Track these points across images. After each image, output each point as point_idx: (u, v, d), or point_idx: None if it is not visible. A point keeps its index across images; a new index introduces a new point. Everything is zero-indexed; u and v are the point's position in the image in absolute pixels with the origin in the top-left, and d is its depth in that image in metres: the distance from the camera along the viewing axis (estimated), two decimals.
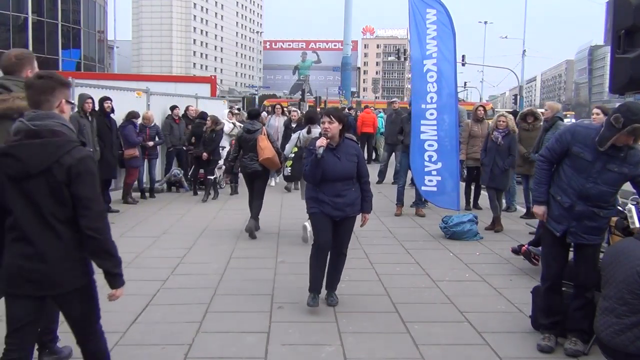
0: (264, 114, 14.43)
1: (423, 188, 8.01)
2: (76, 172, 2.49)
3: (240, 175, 8.74)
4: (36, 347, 3.10)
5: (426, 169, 7.88)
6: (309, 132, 6.50)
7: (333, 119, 4.38)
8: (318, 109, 18.84)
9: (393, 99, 14.93)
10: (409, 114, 8.44)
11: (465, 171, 9.32)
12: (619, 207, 4.34)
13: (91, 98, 7.84)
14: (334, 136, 4.40)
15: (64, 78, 2.79)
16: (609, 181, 3.67)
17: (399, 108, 12.67)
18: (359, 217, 4.67)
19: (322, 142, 4.30)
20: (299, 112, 14.86)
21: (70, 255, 2.60)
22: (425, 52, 7.95)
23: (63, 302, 2.75)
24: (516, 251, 6.03)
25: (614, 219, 4.41)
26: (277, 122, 12.36)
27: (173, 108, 10.88)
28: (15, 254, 2.54)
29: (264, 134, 7.20)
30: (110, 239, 2.67)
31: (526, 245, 5.86)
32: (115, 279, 2.79)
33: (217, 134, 10.05)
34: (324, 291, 4.66)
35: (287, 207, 9.19)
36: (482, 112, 9.41)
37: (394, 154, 12.18)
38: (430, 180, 7.88)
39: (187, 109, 11.39)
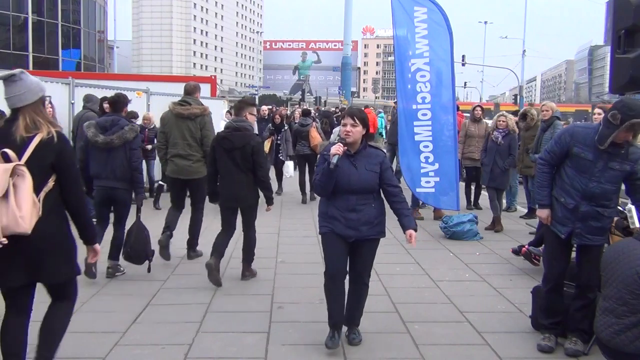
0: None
1: (418, 190, 7.93)
2: (256, 149, 5.13)
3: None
4: None
5: (422, 171, 7.80)
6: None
7: (357, 121, 3.69)
8: (313, 109, 18.69)
9: (396, 100, 14.83)
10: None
11: (464, 171, 9.33)
12: (619, 207, 4.34)
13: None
14: (354, 142, 3.72)
15: (251, 100, 6.04)
16: (612, 179, 3.68)
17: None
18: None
19: (337, 149, 3.60)
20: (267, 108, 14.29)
21: (250, 185, 5.18)
22: (414, 51, 7.83)
23: (243, 211, 5.39)
24: (516, 252, 6.03)
25: (614, 218, 4.41)
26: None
27: None
28: (224, 187, 5.24)
29: (314, 127, 10.04)
30: (268, 180, 5.38)
31: (526, 246, 5.86)
32: (268, 201, 5.35)
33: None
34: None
35: (287, 207, 9.19)
36: (480, 112, 9.41)
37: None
38: (428, 182, 7.80)
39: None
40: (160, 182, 9.00)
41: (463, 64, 47.38)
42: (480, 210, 8.92)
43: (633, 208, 4.33)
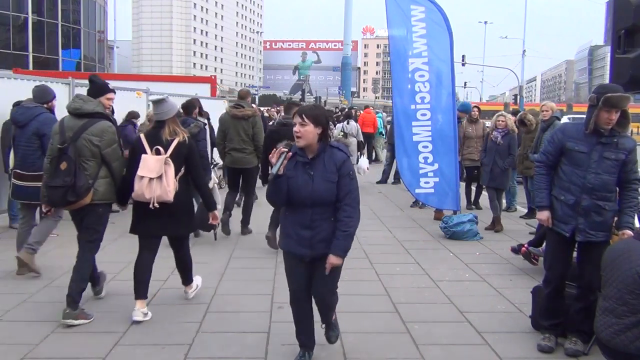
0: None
1: (417, 190, 7.93)
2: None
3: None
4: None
5: (421, 171, 7.79)
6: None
7: (306, 119, 3.13)
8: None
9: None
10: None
11: (465, 171, 9.33)
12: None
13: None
14: (308, 144, 3.17)
15: (296, 102, 7.47)
16: (609, 169, 3.72)
17: None
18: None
19: (276, 154, 3.13)
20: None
21: None
22: (412, 51, 7.81)
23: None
24: (516, 250, 6.04)
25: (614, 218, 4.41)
26: None
27: None
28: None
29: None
30: None
31: (526, 246, 5.86)
32: None
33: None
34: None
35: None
36: (477, 112, 9.41)
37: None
38: (427, 182, 7.79)
39: None
40: None
41: (463, 64, 47.40)
42: (480, 210, 8.92)
43: None
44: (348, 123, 12.22)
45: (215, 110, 11.98)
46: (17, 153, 5.42)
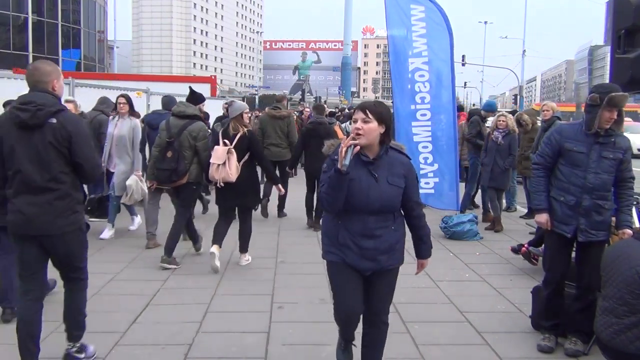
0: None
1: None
2: (330, 136, 5.79)
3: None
4: None
5: (421, 172, 7.78)
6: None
7: (370, 115, 2.83)
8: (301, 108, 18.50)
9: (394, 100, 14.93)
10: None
11: (464, 172, 9.33)
12: None
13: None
14: (370, 143, 2.86)
15: (322, 104, 8.60)
16: (608, 169, 3.73)
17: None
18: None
19: (348, 143, 2.76)
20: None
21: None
22: (412, 50, 7.79)
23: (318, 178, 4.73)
24: (516, 250, 6.04)
25: (614, 218, 4.41)
26: (118, 128, 6.77)
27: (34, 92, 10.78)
28: (310, 162, 7.60)
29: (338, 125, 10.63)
30: None
31: (526, 245, 5.86)
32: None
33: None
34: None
35: (287, 207, 9.17)
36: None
37: None
38: (427, 183, 7.78)
39: None
40: None
41: (463, 64, 47.30)
42: (479, 209, 8.91)
43: (633, 208, 4.33)
44: (350, 123, 12.39)
45: (216, 110, 11.99)
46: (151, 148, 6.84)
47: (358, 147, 2.77)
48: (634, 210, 4.31)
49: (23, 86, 7.00)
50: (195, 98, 6.25)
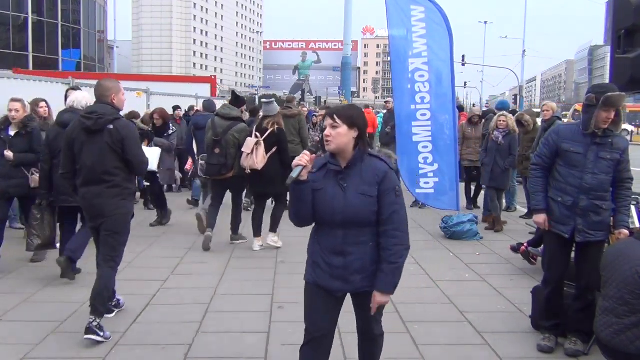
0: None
1: (417, 191, 7.93)
2: None
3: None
4: None
5: (421, 171, 7.79)
6: None
7: (338, 120, 2.59)
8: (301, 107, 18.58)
9: (387, 99, 15.07)
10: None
11: (464, 172, 9.34)
12: None
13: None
14: (340, 150, 2.62)
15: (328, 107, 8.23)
16: (605, 169, 3.74)
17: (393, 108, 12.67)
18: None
19: (301, 158, 2.53)
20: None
21: None
22: (412, 51, 7.81)
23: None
24: (515, 249, 6.04)
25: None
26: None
27: (175, 108, 10.88)
28: None
29: None
30: None
31: (525, 245, 5.87)
32: None
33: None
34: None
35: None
36: (477, 118, 9.40)
37: None
38: (427, 183, 7.79)
39: (191, 109, 11.39)
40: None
41: (463, 64, 47.35)
42: (479, 209, 8.92)
43: (633, 208, 4.33)
44: None
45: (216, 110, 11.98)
46: (200, 147, 7.46)
47: (314, 156, 2.56)
48: (633, 210, 4.32)
49: (23, 86, 7.02)
50: (237, 101, 7.02)
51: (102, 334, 3.81)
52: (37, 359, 3.59)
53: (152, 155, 6.64)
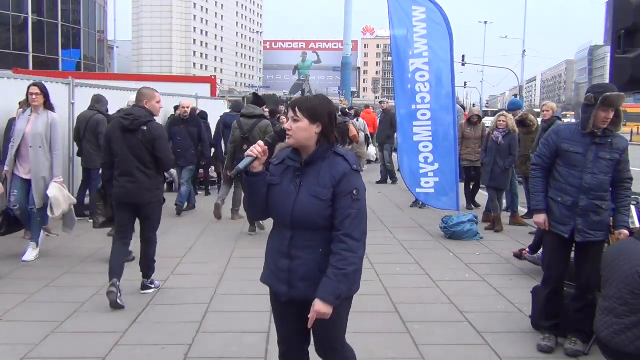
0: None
1: (418, 190, 7.94)
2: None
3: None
4: None
5: (422, 171, 7.80)
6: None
7: (299, 113, 2.37)
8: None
9: (382, 99, 15.45)
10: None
11: (463, 172, 9.34)
12: None
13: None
14: (300, 145, 2.40)
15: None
16: (605, 169, 3.74)
17: (389, 108, 12.72)
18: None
19: (253, 149, 2.39)
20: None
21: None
22: (413, 51, 7.81)
23: None
24: (518, 256, 6.06)
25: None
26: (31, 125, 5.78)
27: (176, 108, 10.86)
28: None
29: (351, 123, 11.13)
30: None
31: (527, 250, 5.92)
32: None
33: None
34: None
35: None
36: (476, 118, 9.40)
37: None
38: (427, 182, 7.80)
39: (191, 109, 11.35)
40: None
41: (463, 64, 47.40)
42: (479, 209, 8.92)
43: (633, 208, 4.33)
44: (357, 120, 14.74)
45: (216, 110, 11.99)
46: (226, 146, 8.17)
47: (257, 163, 2.38)
48: (633, 210, 4.32)
49: (23, 86, 7.01)
50: (259, 102, 7.78)
51: (153, 286, 4.96)
52: (37, 359, 3.59)
53: None
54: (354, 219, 2.34)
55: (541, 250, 5.02)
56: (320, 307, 2.29)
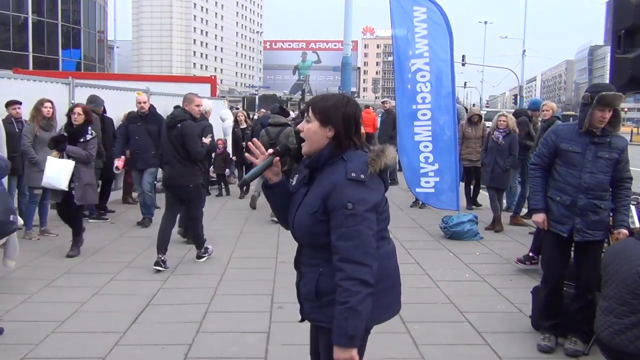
0: None
1: (418, 190, 7.94)
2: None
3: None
4: None
5: (422, 171, 7.81)
6: None
7: (311, 113, 2.08)
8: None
9: (384, 99, 15.07)
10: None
11: (463, 172, 9.34)
12: None
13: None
14: (310, 150, 2.10)
15: None
16: (604, 169, 3.74)
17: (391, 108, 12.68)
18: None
19: (257, 157, 2.17)
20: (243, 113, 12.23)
21: None
22: (414, 51, 7.82)
23: None
24: (522, 261, 6.04)
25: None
26: None
27: (176, 108, 10.84)
28: None
29: None
30: None
31: (530, 252, 5.90)
32: None
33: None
34: None
35: None
36: (477, 118, 9.40)
37: None
38: (427, 182, 7.80)
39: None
40: None
41: (463, 64, 47.38)
42: (480, 210, 8.93)
43: (633, 208, 4.33)
44: None
45: (216, 110, 11.98)
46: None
47: (270, 174, 2.19)
48: (633, 210, 4.32)
49: (23, 86, 7.02)
50: (284, 112, 8.87)
51: (206, 255, 5.97)
52: (37, 359, 3.59)
53: (62, 169, 5.87)
54: (349, 240, 1.94)
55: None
56: (338, 355, 1.97)
